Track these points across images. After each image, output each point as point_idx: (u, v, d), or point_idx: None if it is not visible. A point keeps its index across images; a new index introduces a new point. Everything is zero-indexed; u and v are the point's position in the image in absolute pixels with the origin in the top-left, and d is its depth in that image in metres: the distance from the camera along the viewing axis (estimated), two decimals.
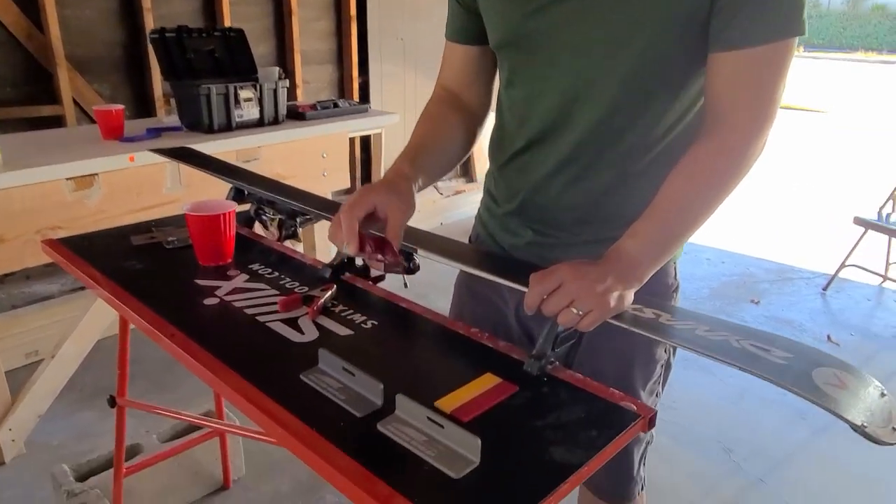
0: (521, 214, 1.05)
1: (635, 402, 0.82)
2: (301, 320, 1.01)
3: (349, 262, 1.19)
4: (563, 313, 0.80)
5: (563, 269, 0.81)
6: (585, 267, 0.82)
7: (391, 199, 0.89)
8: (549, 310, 0.81)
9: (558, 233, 1.02)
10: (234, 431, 1.69)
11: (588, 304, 0.80)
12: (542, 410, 0.79)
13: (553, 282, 0.81)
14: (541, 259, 1.04)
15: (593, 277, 0.81)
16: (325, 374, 0.85)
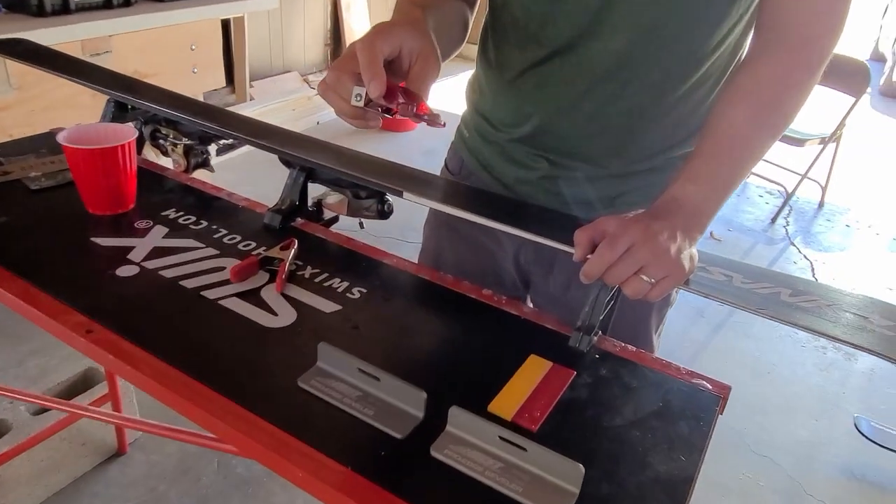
0: (533, 142, 0.85)
1: (706, 380, 0.71)
2: (266, 293, 0.77)
3: (300, 204, 0.94)
4: (631, 282, 0.65)
5: (631, 229, 0.65)
6: (653, 223, 0.66)
7: (424, 43, 0.69)
8: (615, 279, 0.66)
9: (581, 164, 0.84)
10: (166, 434, 1.42)
11: (662, 269, 0.65)
12: (615, 402, 0.66)
13: (623, 244, 0.65)
14: (556, 197, 0.87)
15: (665, 236, 0.66)
16: (330, 376, 0.65)
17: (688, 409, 0.66)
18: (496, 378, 0.67)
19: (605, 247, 0.65)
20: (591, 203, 0.86)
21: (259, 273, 0.81)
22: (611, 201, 0.86)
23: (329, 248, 0.89)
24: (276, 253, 0.82)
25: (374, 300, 0.78)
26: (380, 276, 0.83)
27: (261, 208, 0.96)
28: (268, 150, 0.95)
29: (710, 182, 0.72)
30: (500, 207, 0.84)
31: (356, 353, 0.68)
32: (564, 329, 0.76)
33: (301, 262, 0.84)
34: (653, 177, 0.85)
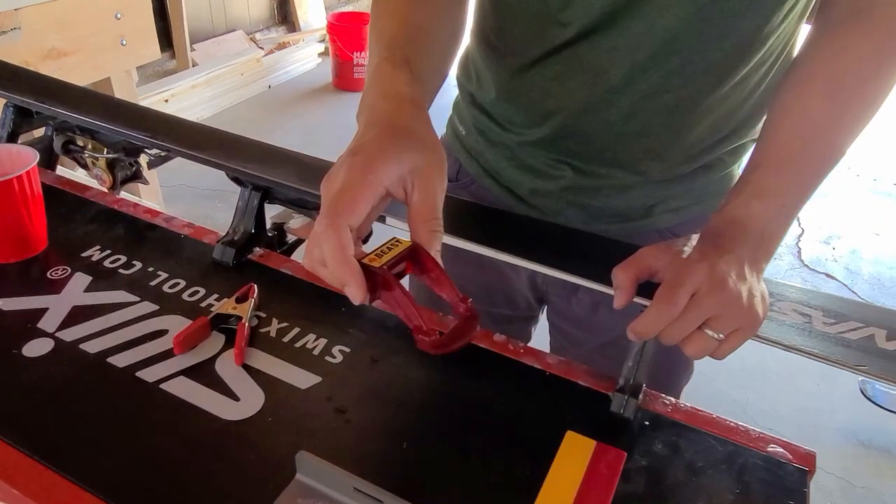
0: (554, 146, 0.68)
1: (782, 444, 0.57)
2: (222, 366, 0.60)
3: (256, 231, 0.76)
4: (694, 339, 0.51)
5: (693, 272, 0.50)
6: (718, 262, 0.51)
7: (424, 158, 0.48)
8: (674, 337, 0.51)
9: (615, 171, 0.68)
10: None
11: (733, 321, 0.50)
12: (681, 494, 0.52)
13: (685, 295, 0.50)
14: (583, 210, 0.71)
15: (734, 276, 0.51)
16: (317, 495, 0.49)
17: (773, 497, 0.52)
18: (530, 469, 0.52)
19: (663, 301, 0.50)
20: (624, 214, 0.71)
21: (211, 335, 0.64)
22: (647, 211, 0.70)
23: (297, 289, 0.71)
24: (231, 307, 0.65)
25: (360, 365, 0.62)
26: (363, 327, 0.67)
27: (209, 236, 0.78)
28: (210, 166, 0.76)
29: (779, 197, 0.56)
30: (513, 232, 0.68)
31: (346, 450, 0.53)
32: (601, 385, 0.61)
33: (264, 314, 0.67)
34: (697, 179, 0.69)
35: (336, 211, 0.45)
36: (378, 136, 0.48)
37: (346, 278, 0.45)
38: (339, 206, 0.45)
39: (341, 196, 0.45)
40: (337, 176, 0.47)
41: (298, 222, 0.79)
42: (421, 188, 0.48)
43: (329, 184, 0.47)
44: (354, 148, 0.48)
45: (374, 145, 0.47)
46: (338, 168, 0.47)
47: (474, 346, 0.65)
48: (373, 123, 0.50)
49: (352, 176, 0.46)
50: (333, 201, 0.46)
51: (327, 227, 0.45)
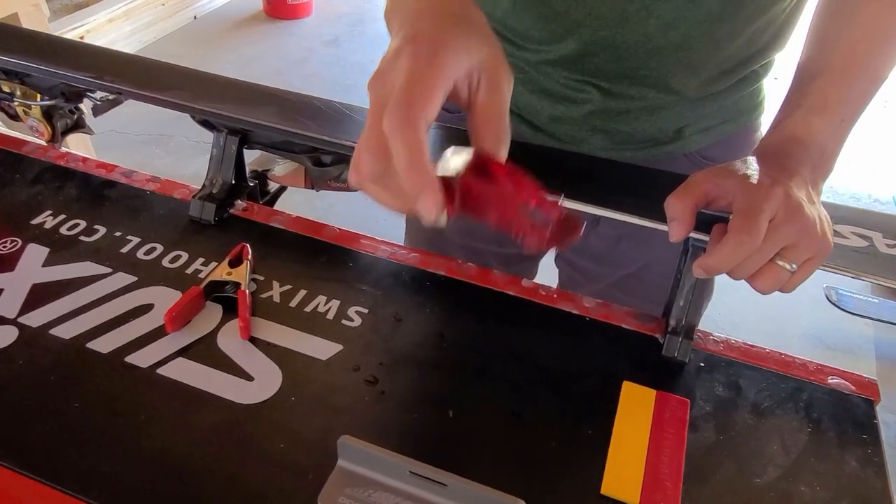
0: (579, 65, 0.60)
1: (840, 374, 0.54)
2: (226, 342, 0.52)
3: (237, 182, 0.66)
4: (767, 272, 0.46)
5: (770, 197, 0.45)
6: (791, 185, 0.46)
7: (487, 52, 0.39)
8: (748, 270, 0.46)
9: (646, 91, 0.60)
10: None
11: (809, 248, 0.46)
12: (754, 440, 0.48)
13: (765, 222, 0.44)
14: (607, 136, 0.64)
15: (806, 200, 0.46)
16: (365, 482, 0.43)
17: (845, 432, 0.49)
18: (591, 426, 0.48)
19: (744, 231, 0.44)
20: (653, 139, 0.64)
21: (205, 306, 0.55)
22: (678, 133, 0.64)
23: (293, 244, 0.63)
24: (226, 273, 0.56)
25: (383, 326, 0.55)
26: (377, 282, 0.59)
27: (180, 191, 0.68)
28: (175, 108, 0.65)
29: (840, 111, 0.51)
30: (531, 163, 0.60)
31: (386, 427, 0.47)
32: (648, 328, 0.57)
33: (261, 276, 0.59)
34: (729, 96, 0.63)
35: (410, 101, 0.35)
36: (437, 22, 0.39)
37: (423, 187, 0.36)
38: (413, 95, 0.36)
39: (413, 86, 0.36)
40: (396, 68, 0.37)
41: (283, 168, 0.69)
42: (489, 85, 0.39)
43: (386, 79, 0.37)
44: (411, 35, 0.38)
45: (436, 32, 0.38)
46: (393, 60, 0.38)
47: (502, 293, 0.59)
48: (425, 11, 0.40)
49: (418, 65, 0.36)
50: (406, 91, 0.36)
51: (401, 124, 0.35)
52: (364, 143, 0.37)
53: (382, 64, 0.38)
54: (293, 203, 0.69)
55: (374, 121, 0.36)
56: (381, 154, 0.36)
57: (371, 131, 0.37)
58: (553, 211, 0.38)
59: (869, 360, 1.80)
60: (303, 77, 2.85)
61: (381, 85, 0.37)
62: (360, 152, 0.37)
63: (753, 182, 0.46)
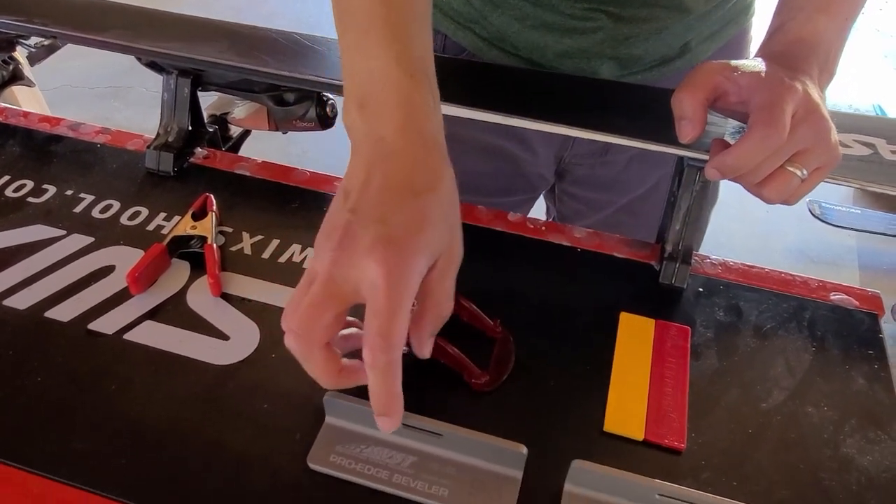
0: None
1: (844, 290, 0.52)
2: (196, 300, 0.49)
3: (194, 128, 0.61)
4: (779, 178, 0.43)
5: (792, 91, 0.41)
6: (809, 84, 0.43)
7: (448, 241, 0.37)
8: (760, 174, 0.43)
9: (657, 11, 0.55)
10: None
11: (820, 156, 0.43)
12: (757, 363, 0.46)
13: (789, 117, 0.41)
14: (615, 62, 0.59)
15: (820, 102, 0.43)
16: (355, 438, 0.41)
17: (850, 349, 0.47)
18: (590, 362, 0.45)
19: (769, 125, 0.40)
20: (661, 57, 0.60)
21: (171, 264, 0.51)
22: (684, 47, 0.60)
23: (261, 192, 0.59)
24: (190, 227, 0.52)
25: None
26: None
27: (134, 142, 0.63)
28: (115, 50, 0.60)
29: (844, 9, 0.47)
30: (536, 93, 0.55)
31: None
32: (642, 255, 0.54)
33: (229, 228, 0.55)
34: (732, 9, 0.59)
35: (391, 339, 0.34)
36: (408, 215, 0.35)
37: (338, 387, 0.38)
38: (393, 331, 0.34)
39: (386, 316, 0.33)
40: (360, 261, 0.34)
41: (243, 110, 0.64)
42: (440, 273, 0.36)
43: (344, 263, 0.34)
44: (382, 235, 0.34)
45: (404, 232, 0.34)
46: (356, 244, 0.34)
47: (488, 229, 0.56)
48: (389, 181, 0.36)
49: (390, 279, 0.33)
50: (383, 322, 0.33)
51: (386, 355, 0.34)
52: (290, 306, 0.36)
53: (342, 230, 0.34)
54: (261, 152, 0.64)
55: (303, 292, 0.35)
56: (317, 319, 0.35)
57: (296, 301, 0.36)
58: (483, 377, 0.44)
59: (852, 270, 1.82)
60: (263, 17, 2.71)
61: (325, 257, 0.34)
62: (287, 311, 0.36)
63: (769, 76, 0.42)
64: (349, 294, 0.34)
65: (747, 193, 0.46)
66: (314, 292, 0.34)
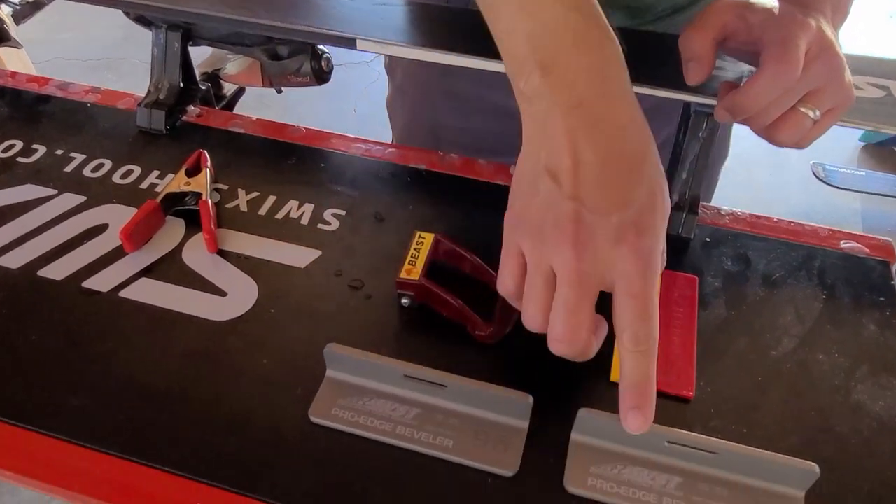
0: None
1: (854, 238, 0.51)
2: (192, 257, 0.48)
3: (187, 85, 0.60)
4: (791, 119, 0.41)
5: (805, 27, 0.39)
6: (822, 23, 0.41)
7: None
8: (771, 114, 0.41)
9: None
10: None
11: (834, 96, 0.41)
12: (766, 311, 0.45)
13: (802, 53, 0.39)
14: (625, 12, 0.57)
15: (832, 37, 0.41)
16: (357, 391, 0.40)
17: (861, 296, 0.46)
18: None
19: (783, 61, 0.38)
20: (673, 5, 0.58)
21: (166, 222, 0.50)
22: None
23: (257, 149, 0.57)
24: (184, 183, 0.51)
25: (364, 227, 0.50)
26: (354, 182, 0.54)
27: (125, 101, 0.61)
28: (101, 4, 0.58)
29: None
30: None
31: (375, 332, 0.43)
32: None
33: (224, 185, 0.53)
34: None
35: (651, 320, 0.32)
36: (642, 192, 0.32)
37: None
38: (653, 313, 0.32)
39: (643, 299, 0.32)
40: (609, 254, 0.32)
41: (236, 66, 0.62)
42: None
43: (590, 258, 0.32)
44: (625, 221, 0.32)
45: (646, 212, 0.32)
46: (598, 236, 0.32)
47: (490, 183, 0.55)
48: (603, 154, 0.32)
49: (645, 265, 0.32)
50: (641, 305, 0.32)
51: (649, 338, 0.33)
52: (533, 309, 0.35)
53: (559, 213, 0.32)
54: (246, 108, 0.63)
55: (541, 291, 0.34)
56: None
57: (538, 302, 0.34)
58: (487, 329, 0.43)
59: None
60: None
61: (566, 255, 0.32)
62: (533, 316, 0.35)
63: (781, 13, 0.41)
64: (598, 286, 0.32)
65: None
66: (568, 297, 0.32)
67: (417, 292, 0.44)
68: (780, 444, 0.38)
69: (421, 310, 0.45)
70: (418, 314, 0.44)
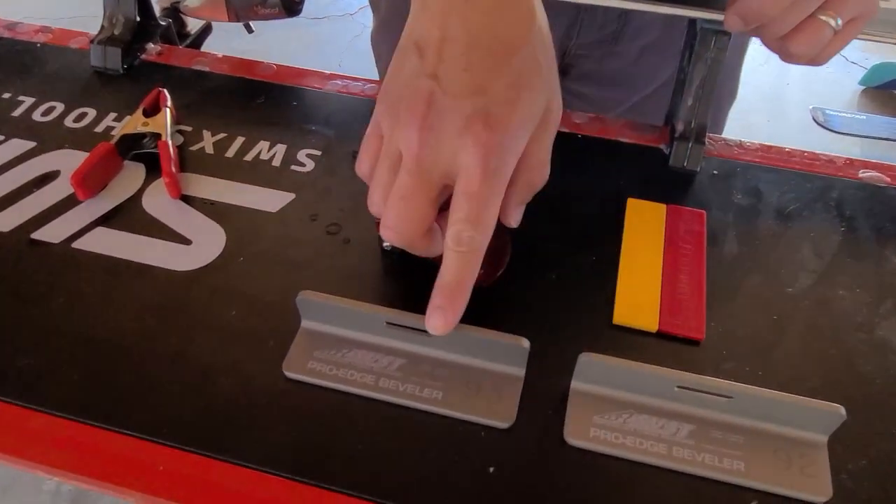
0: None
1: (874, 166, 0.47)
2: (153, 203, 0.44)
3: (144, 20, 0.54)
4: (808, 29, 0.37)
5: None
6: None
7: (540, 112, 0.31)
8: (788, 23, 0.37)
9: None
10: None
11: (856, 4, 0.37)
12: (781, 246, 0.42)
13: None
14: None
15: None
16: (335, 342, 0.36)
17: (883, 227, 0.43)
18: (596, 252, 0.41)
19: None
20: None
21: (124, 167, 0.46)
22: None
23: (224, 87, 0.53)
24: (141, 124, 0.46)
25: (341, 168, 0.46)
26: (330, 120, 0.50)
27: (77, 40, 0.56)
28: None
29: None
30: None
31: (355, 279, 0.39)
32: (648, 138, 0.49)
33: (188, 127, 0.49)
34: None
35: (480, 225, 0.30)
36: (505, 82, 0.29)
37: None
38: (485, 217, 0.30)
39: (479, 201, 0.29)
40: (453, 142, 0.28)
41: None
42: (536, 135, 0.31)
43: (433, 144, 0.29)
44: (478, 110, 0.28)
45: (503, 105, 0.29)
46: (447, 121, 0.28)
47: None
48: (473, 34, 0.29)
49: (488, 162, 0.28)
50: (474, 207, 0.29)
51: (472, 242, 0.30)
52: (376, 192, 0.32)
53: (414, 89, 0.29)
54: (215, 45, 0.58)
55: (386, 174, 0.31)
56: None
57: (381, 186, 0.32)
58: None
59: None
60: None
61: (411, 137, 0.29)
62: (373, 198, 0.32)
63: None
64: (440, 178, 0.30)
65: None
66: (403, 184, 0.30)
67: None
68: (800, 386, 0.35)
69: (404, 253, 0.41)
70: (401, 258, 0.41)
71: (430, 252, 0.33)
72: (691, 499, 0.31)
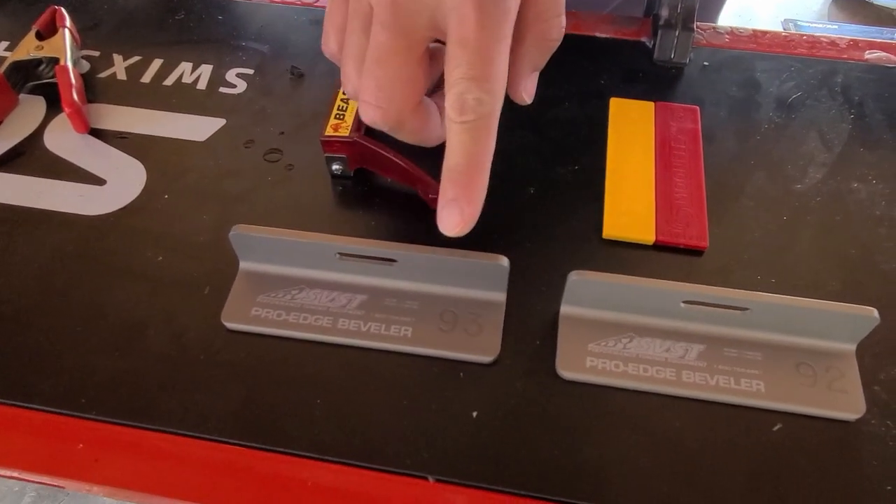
0: None
1: (880, 46, 0.42)
2: (55, 139, 0.37)
3: None
4: None
5: None
6: None
7: None
8: None
9: None
10: None
11: None
12: (785, 139, 0.37)
13: None
14: None
15: None
16: (281, 283, 0.31)
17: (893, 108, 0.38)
18: (578, 165, 0.35)
19: None
20: None
21: (20, 102, 0.39)
22: None
23: (137, 5, 0.45)
24: (34, 47, 0.39)
25: (279, 86, 0.40)
26: (262, 34, 0.43)
27: None
28: None
29: None
30: None
31: (298, 210, 0.34)
32: (628, 32, 0.43)
33: (95, 52, 0.42)
34: None
35: (487, 80, 0.22)
36: None
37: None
38: (492, 70, 0.22)
39: (479, 49, 0.22)
40: None
41: None
42: None
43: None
44: None
45: None
46: None
47: None
48: None
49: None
50: (474, 58, 0.22)
51: (481, 105, 0.23)
52: (348, 63, 0.25)
53: None
54: None
55: (356, 37, 0.25)
56: None
57: (354, 56, 0.25)
58: None
59: None
60: None
61: None
62: (346, 72, 0.25)
63: None
64: (425, 29, 0.23)
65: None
66: (380, 43, 0.23)
67: (351, 153, 0.34)
68: (819, 291, 0.31)
69: (358, 177, 0.35)
70: (355, 183, 0.35)
71: (427, 136, 0.26)
72: (707, 428, 0.27)
